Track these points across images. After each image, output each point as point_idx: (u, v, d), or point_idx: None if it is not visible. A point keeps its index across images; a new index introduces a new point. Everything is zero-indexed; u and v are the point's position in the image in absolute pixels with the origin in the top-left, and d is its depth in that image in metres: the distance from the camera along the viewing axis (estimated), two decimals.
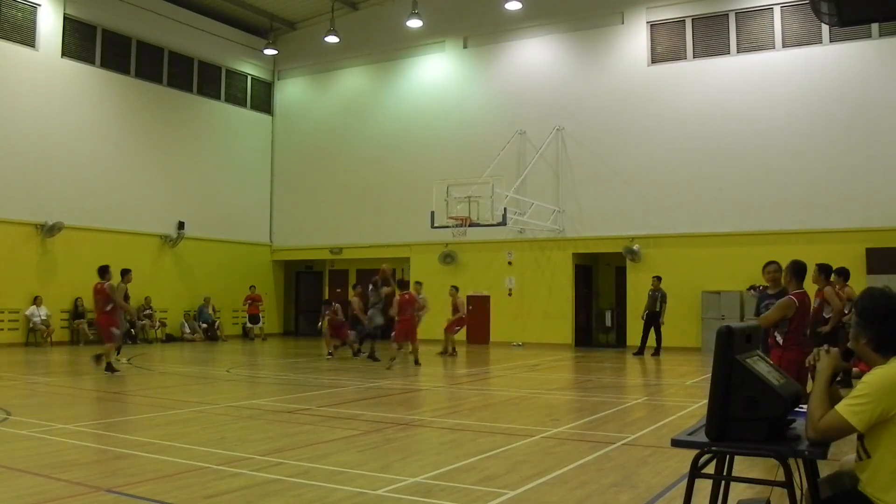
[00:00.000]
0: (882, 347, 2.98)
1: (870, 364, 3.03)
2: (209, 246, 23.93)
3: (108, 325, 13.17)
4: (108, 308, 13.17)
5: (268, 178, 26.61)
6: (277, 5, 24.88)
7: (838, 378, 3.22)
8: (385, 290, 16.41)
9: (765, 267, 7.83)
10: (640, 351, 17.97)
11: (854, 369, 8.66)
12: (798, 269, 7.21)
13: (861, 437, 2.95)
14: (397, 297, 15.58)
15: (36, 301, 19.30)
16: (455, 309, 18.16)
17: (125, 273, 13.65)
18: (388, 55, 24.59)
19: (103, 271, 13.25)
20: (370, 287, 16.66)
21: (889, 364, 2.92)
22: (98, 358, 13.33)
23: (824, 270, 9.54)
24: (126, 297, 14.11)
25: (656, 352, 17.74)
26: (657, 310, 17.91)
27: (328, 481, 5.58)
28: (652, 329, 17.88)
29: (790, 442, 3.12)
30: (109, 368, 12.93)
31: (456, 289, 18.64)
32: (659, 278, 18.33)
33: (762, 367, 3.26)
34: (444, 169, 21.42)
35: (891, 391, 2.82)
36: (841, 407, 2.90)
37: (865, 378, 2.91)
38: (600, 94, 21.16)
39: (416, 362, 15.30)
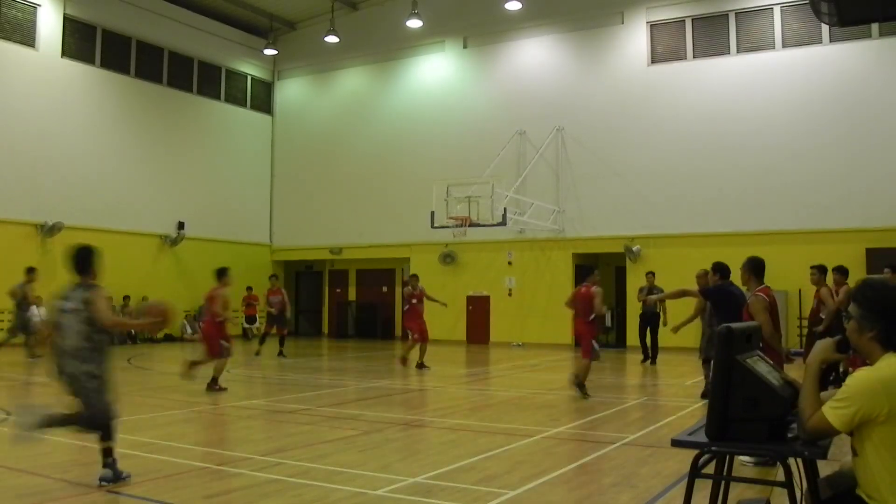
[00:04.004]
0: (891, 341, 2.87)
1: (869, 359, 2.96)
2: (209, 246, 23.90)
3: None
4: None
5: (268, 178, 26.61)
6: (277, 5, 24.88)
7: (831, 377, 3.17)
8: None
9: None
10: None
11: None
12: (756, 265, 6.88)
13: (851, 434, 2.94)
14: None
15: (36, 301, 19.24)
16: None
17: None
18: (388, 55, 24.59)
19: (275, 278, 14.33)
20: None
21: (875, 366, 2.86)
22: None
23: (822, 271, 9.56)
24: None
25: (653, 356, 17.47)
26: (656, 311, 17.69)
27: (328, 481, 5.58)
28: (648, 332, 17.58)
29: (790, 442, 3.12)
30: None
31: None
32: (652, 274, 18.11)
33: (762, 367, 3.26)
34: (444, 169, 21.40)
35: (870, 395, 2.77)
36: (826, 408, 2.87)
37: (848, 380, 2.87)
38: (600, 94, 21.15)
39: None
